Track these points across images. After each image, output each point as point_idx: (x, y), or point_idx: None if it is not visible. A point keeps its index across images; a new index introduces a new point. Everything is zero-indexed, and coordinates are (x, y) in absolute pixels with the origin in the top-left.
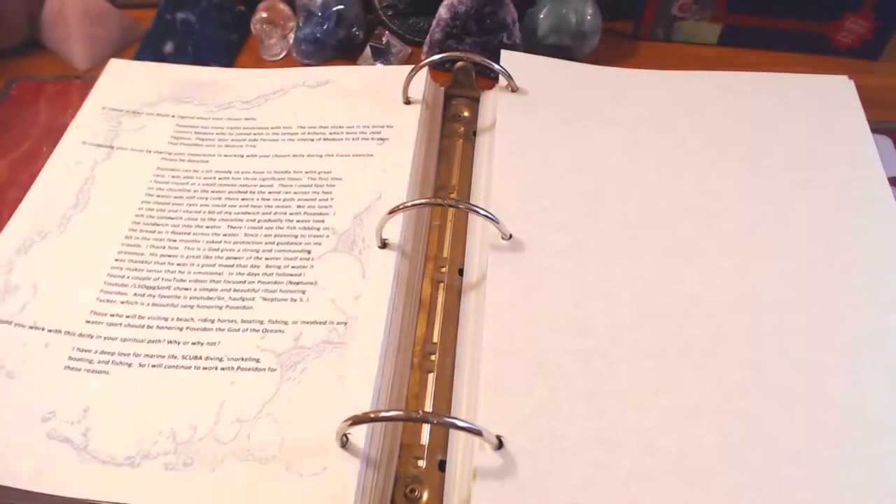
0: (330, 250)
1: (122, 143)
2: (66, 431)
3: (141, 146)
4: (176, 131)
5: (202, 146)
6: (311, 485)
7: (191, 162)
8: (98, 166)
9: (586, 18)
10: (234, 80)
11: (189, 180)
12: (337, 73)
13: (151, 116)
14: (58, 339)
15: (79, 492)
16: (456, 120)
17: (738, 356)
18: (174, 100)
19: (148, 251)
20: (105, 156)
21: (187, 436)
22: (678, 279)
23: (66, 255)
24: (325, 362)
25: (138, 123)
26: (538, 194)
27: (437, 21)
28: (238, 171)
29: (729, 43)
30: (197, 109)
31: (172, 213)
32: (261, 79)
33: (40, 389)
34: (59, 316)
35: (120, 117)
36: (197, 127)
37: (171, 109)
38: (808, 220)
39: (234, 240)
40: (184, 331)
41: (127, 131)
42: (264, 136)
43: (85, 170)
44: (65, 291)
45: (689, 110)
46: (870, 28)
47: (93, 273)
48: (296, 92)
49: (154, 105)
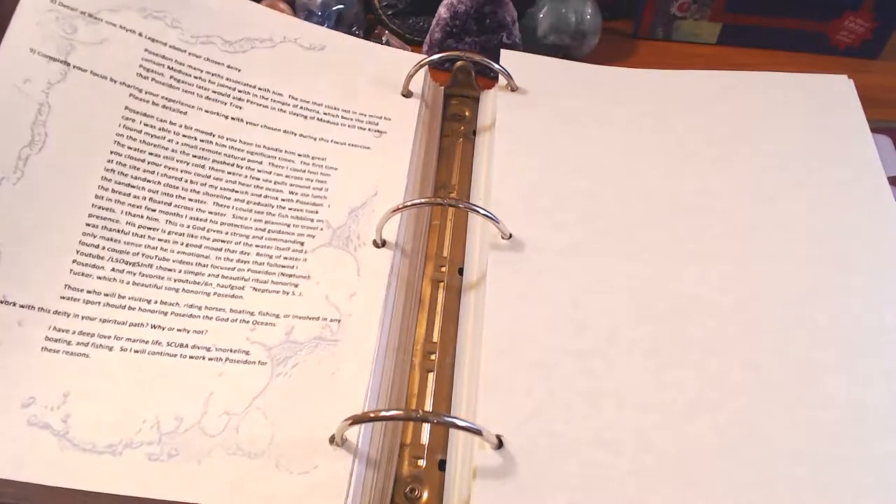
0: (324, 244)
1: (80, 62)
2: (46, 417)
3: (103, 71)
4: (145, 60)
5: (178, 90)
6: (301, 482)
7: (165, 109)
8: (53, 89)
9: (586, 18)
10: (213, 2)
11: (166, 134)
12: (333, 40)
13: (113, 28)
14: (31, 315)
15: (59, 480)
16: (456, 119)
17: (738, 355)
18: (140, 10)
19: (124, 218)
20: (60, 76)
21: (172, 426)
22: (677, 279)
23: (27, 210)
24: (318, 359)
25: (97, 35)
26: (538, 194)
27: (437, 20)
28: (222, 135)
29: (728, 42)
30: (169, 34)
31: (148, 173)
32: (247, 14)
33: (18, 372)
34: (31, 289)
35: (74, 20)
36: (171, 60)
37: (136, 24)
38: (807, 220)
39: (222, 220)
40: (168, 315)
41: (83, 44)
42: (251, 97)
43: (37, 93)
44: (33, 259)
45: (689, 110)
46: (869, 27)
47: (63, 238)
48: (286, 48)
49: (115, 12)
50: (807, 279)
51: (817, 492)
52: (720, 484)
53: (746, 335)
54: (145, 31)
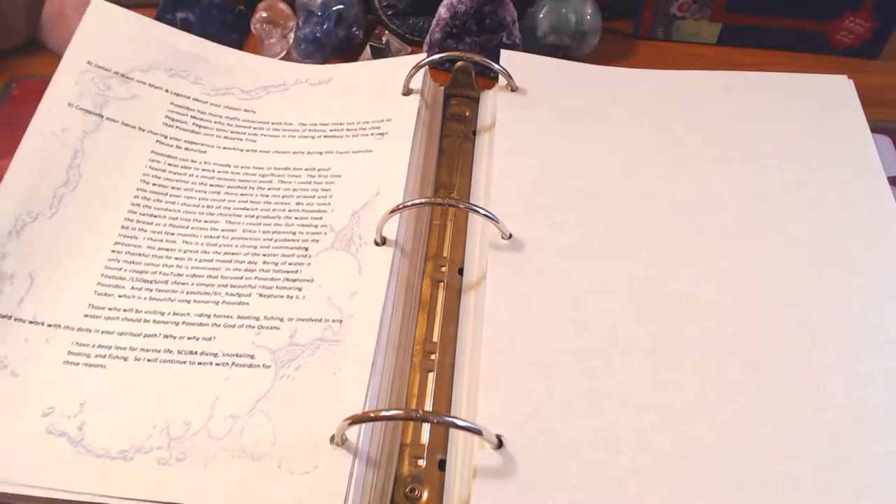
0: (327, 247)
1: (113, 114)
2: (64, 426)
3: (133, 121)
4: (171, 111)
5: (200, 134)
6: (302, 483)
7: (188, 150)
8: (87, 138)
9: (586, 18)
10: (231, 61)
11: (186, 170)
12: (339, 72)
13: (143, 86)
14: (57, 333)
15: (72, 485)
16: (456, 119)
17: (737, 355)
18: (167, 70)
19: (145, 243)
20: (95, 126)
21: (181, 430)
22: (676, 279)
23: (59, 242)
24: (320, 360)
25: (129, 91)
26: (538, 194)
27: (437, 21)
28: (237, 165)
29: (728, 42)
30: (192, 89)
31: (170, 204)
32: (260, 67)
33: (41, 385)
34: (59, 310)
35: (108, 80)
36: (193, 111)
37: (163, 82)
38: (807, 220)
39: (233, 235)
40: (180, 325)
41: (117, 99)
42: (265, 131)
43: (73, 140)
44: (62, 283)
45: (689, 110)
46: (869, 27)
47: (90, 264)
48: (297, 89)
49: (145, 72)
50: (806, 279)
51: (816, 492)
52: (719, 484)
53: (746, 335)
54: (171, 88)
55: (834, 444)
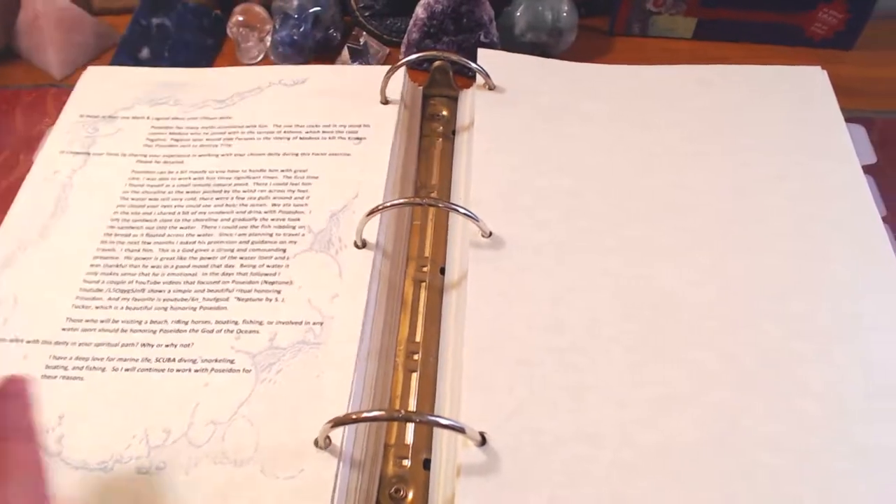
0: (306, 249)
1: (99, 149)
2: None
3: (116, 150)
4: (151, 133)
5: (177, 147)
6: (287, 487)
7: (166, 163)
8: (76, 174)
9: (562, 15)
10: (207, 79)
11: (164, 182)
12: (314, 72)
13: (127, 120)
14: (35, 349)
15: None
16: (435, 119)
17: (717, 348)
18: (149, 102)
19: (123, 255)
20: (82, 163)
21: (160, 439)
22: (657, 274)
23: (45, 265)
24: (301, 363)
25: (114, 128)
26: (517, 192)
27: (415, 21)
28: (213, 170)
29: (704, 37)
30: (172, 110)
31: (147, 215)
32: (236, 77)
33: None
34: (37, 326)
35: (96, 123)
36: (172, 128)
37: (146, 112)
38: (785, 212)
39: (209, 240)
40: (157, 333)
41: (103, 136)
42: (240, 134)
43: (63, 177)
44: (43, 301)
45: (667, 105)
46: (843, 19)
47: (69, 280)
48: (272, 90)
49: (129, 108)
50: (784, 271)
51: (797, 482)
52: (701, 475)
53: (725, 328)
54: (152, 115)
55: (814, 434)
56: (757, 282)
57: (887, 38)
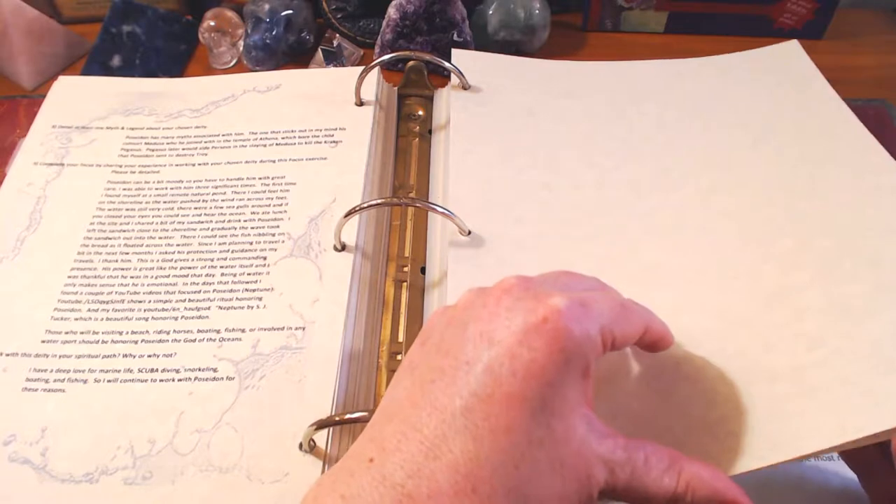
0: (286, 255)
1: (73, 160)
2: (26, 453)
3: (91, 160)
4: (126, 143)
5: (153, 157)
6: (273, 491)
7: (141, 173)
8: (49, 185)
9: (534, 12)
10: (182, 88)
11: (140, 192)
12: (287, 77)
13: (101, 130)
14: (15, 361)
15: None
16: (411, 119)
17: (710, 308)
18: (123, 112)
19: (101, 266)
20: (56, 174)
21: (146, 449)
22: (639, 250)
23: (20, 278)
24: (284, 368)
25: (88, 138)
26: (495, 189)
27: (387, 22)
28: (190, 180)
29: (676, 30)
30: (146, 120)
31: (124, 225)
32: (210, 86)
33: (0, 414)
34: (16, 339)
35: (69, 134)
36: (147, 138)
37: (120, 122)
38: (762, 184)
39: (188, 249)
40: (139, 343)
41: (77, 147)
42: (215, 143)
43: (36, 190)
44: (20, 314)
45: (641, 98)
46: (811, 9)
47: (47, 292)
48: (246, 98)
49: (103, 119)
50: (776, 215)
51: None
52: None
53: (714, 290)
54: (126, 125)
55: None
56: (744, 242)
57: (856, 27)
